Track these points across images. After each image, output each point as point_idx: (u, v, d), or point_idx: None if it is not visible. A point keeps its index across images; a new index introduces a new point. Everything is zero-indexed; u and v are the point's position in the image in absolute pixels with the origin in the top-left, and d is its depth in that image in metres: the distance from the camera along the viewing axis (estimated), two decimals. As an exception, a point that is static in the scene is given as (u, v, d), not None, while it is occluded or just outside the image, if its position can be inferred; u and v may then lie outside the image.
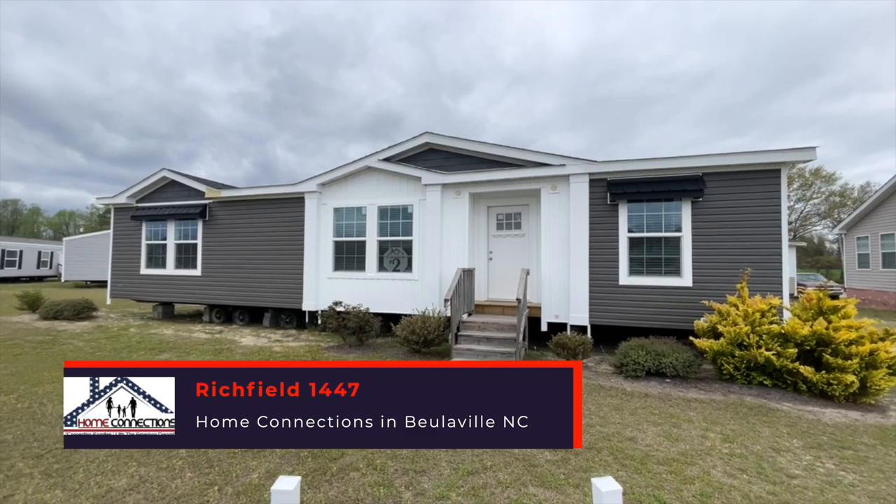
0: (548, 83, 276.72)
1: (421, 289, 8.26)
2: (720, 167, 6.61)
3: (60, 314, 10.62)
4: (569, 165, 7.29)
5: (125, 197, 11.07)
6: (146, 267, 11.05)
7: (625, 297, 7.06)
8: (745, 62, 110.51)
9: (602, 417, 4.26)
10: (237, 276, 9.98)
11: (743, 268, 6.14)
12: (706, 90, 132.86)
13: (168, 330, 9.51)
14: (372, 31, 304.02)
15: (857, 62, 67.87)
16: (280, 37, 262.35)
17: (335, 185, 9.17)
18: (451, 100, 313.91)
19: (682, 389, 5.23)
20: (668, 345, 5.74)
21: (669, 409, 4.55)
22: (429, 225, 8.19)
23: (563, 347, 6.23)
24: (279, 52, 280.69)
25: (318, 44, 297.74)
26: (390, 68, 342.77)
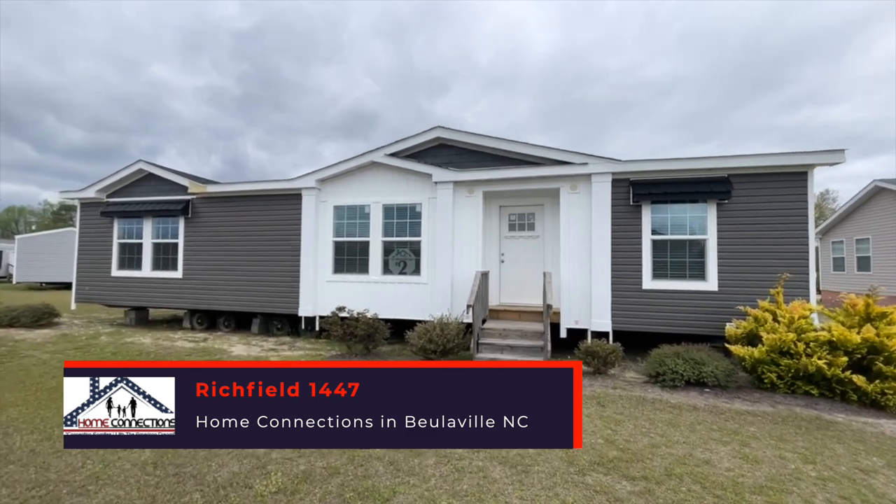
0: (522, 86, 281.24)
1: (431, 293, 7.74)
2: (747, 168, 6.45)
3: (17, 321, 9.45)
4: (591, 164, 6.97)
5: (94, 191, 9.99)
6: (118, 268, 10.00)
7: (648, 301, 6.80)
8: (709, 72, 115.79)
9: (663, 436, 3.90)
10: (223, 279, 9.15)
11: (780, 272, 5.96)
12: (673, 98, 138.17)
13: (145, 338, 8.58)
14: (346, 27, 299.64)
15: (810, 76, 72.23)
16: (250, 29, 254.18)
17: (336, 181, 8.53)
18: (427, 100, 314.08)
19: (726, 400, 4.96)
20: (705, 352, 5.48)
21: (726, 423, 4.25)
22: (440, 225, 7.69)
23: (594, 356, 5.88)
24: (249, 45, 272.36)
25: (290, 38, 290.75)
26: (366, 66, 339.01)
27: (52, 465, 3.24)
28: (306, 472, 3.12)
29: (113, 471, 3.14)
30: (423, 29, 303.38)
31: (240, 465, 3.22)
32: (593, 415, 4.44)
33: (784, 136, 71.33)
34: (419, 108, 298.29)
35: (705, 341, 6.47)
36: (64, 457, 3.33)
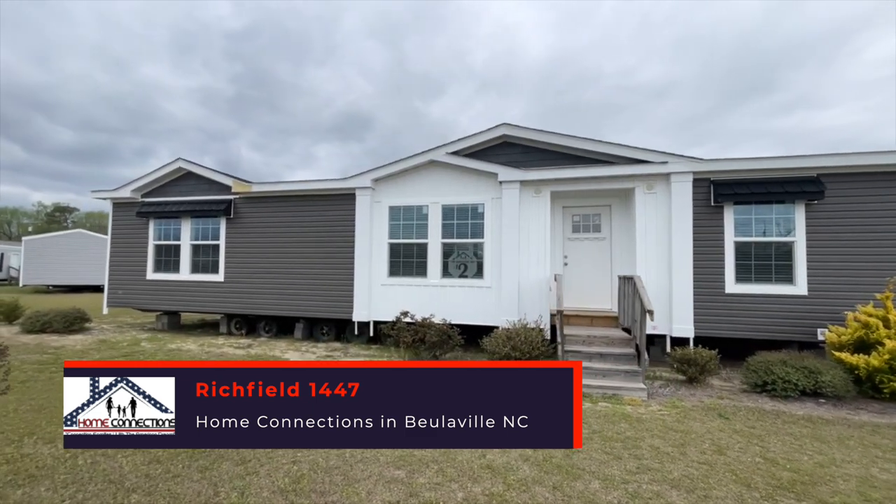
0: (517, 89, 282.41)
1: (496, 297, 7.42)
2: (839, 168, 6.21)
3: (48, 326, 9.00)
4: (672, 163, 6.70)
5: (129, 191, 9.58)
6: (154, 271, 9.58)
7: (732, 306, 6.52)
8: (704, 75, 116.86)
9: (821, 453, 3.59)
10: (267, 283, 8.77)
11: (876, 276, 5.72)
12: (667, 101, 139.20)
13: (189, 344, 8.17)
14: (340, 28, 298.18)
15: (802, 81, 73.02)
16: (243, 30, 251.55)
17: (390, 180, 8.20)
18: (422, 102, 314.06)
19: (850, 412, 4.68)
20: (817, 360, 5.20)
21: (872, 437, 3.97)
22: (505, 227, 7.38)
23: (690, 363, 5.59)
24: (242, 45, 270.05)
25: (283, 38, 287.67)
26: (360, 67, 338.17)
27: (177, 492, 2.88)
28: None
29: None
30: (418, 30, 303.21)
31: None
32: (725, 428, 4.14)
33: (778, 140, 72.00)
34: (415, 111, 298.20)
35: (784, 347, 6.23)
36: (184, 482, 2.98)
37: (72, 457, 3.31)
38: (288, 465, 3.22)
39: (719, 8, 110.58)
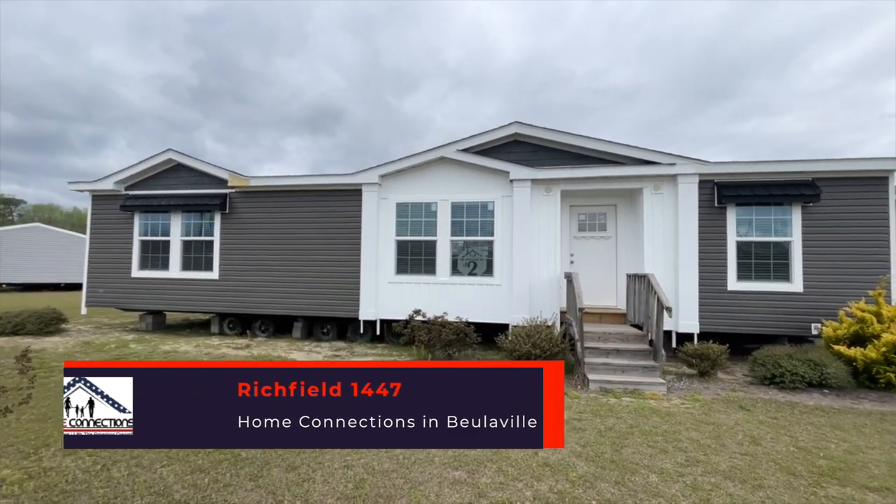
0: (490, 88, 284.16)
1: (507, 295, 7.45)
2: (832, 172, 6.60)
3: (21, 328, 8.35)
4: (679, 165, 6.93)
5: (111, 183, 8.98)
6: (140, 269, 9.04)
7: (734, 303, 6.83)
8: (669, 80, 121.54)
9: (845, 441, 3.81)
10: (266, 280, 8.45)
11: (863, 274, 6.13)
12: (634, 105, 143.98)
13: (183, 345, 7.77)
14: (311, 18, 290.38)
15: (757, 89, 77.31)
16: (206, 14, 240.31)
17: (398, 177, 8.06)
18: (394, 97, 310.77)
19: (854, 401, 5.00)
20: (820, 353, 5.52)
21: (883, 424, 4.25)
22: (517, 225, 7.41)
23: (702, 358, 5.81)
24: (206, 31, 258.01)
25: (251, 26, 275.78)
26: (331, 59, 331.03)
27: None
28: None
29: None
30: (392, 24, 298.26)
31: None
32: (751, 420, 4.32)
33: (735, 145, 75.95)
34: (387, 105, 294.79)
35: (775, 341, 6.63)
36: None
37: (103, 468, 3.07)
38: (342, 470, 3.11)
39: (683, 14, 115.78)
